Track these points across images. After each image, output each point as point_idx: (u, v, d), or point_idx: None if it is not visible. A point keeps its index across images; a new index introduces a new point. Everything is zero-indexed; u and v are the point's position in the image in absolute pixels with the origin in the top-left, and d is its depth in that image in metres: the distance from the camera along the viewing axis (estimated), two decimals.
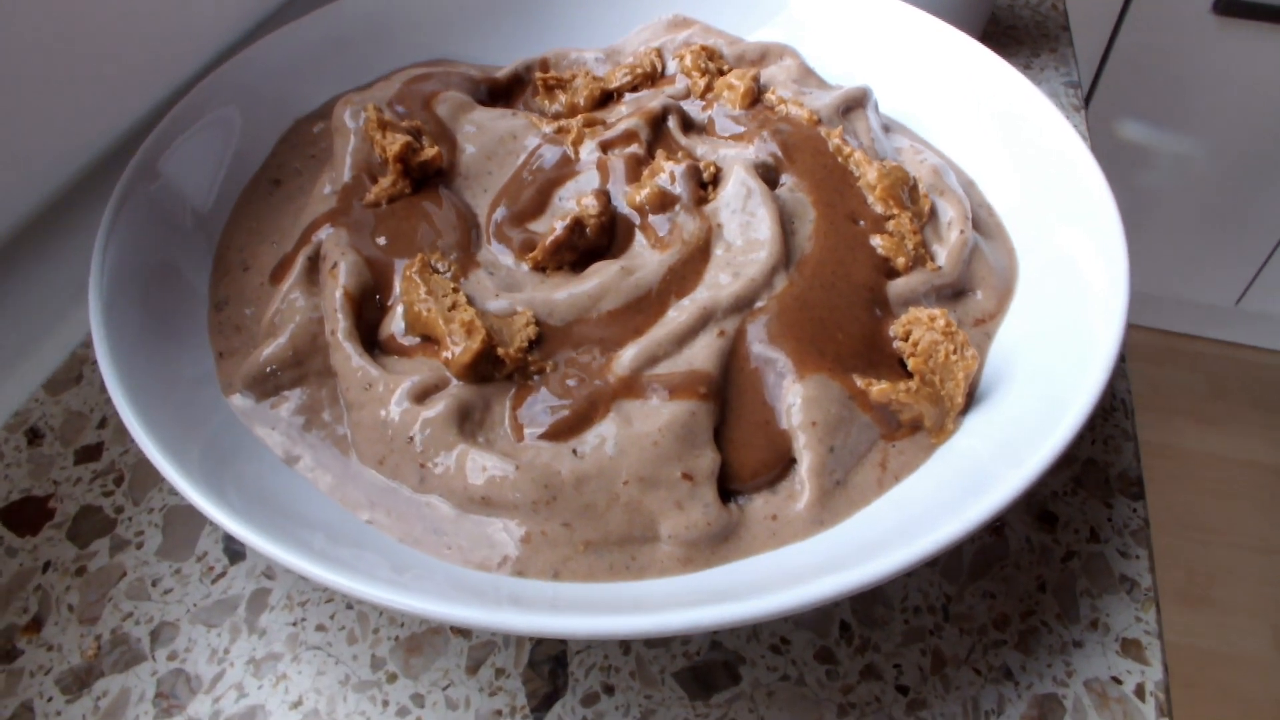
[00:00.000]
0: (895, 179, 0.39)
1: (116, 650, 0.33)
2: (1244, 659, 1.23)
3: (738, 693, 0.32)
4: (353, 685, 0.32)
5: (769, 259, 0.36)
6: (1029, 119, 0.41)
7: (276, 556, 0.26)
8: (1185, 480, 1.43)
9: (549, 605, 0.28)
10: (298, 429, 0.34)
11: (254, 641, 0.34)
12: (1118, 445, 0.40)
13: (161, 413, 0.31)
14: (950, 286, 0.38)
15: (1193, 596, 1.28)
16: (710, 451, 0.32)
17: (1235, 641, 1.26)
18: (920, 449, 0.34)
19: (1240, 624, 1.27)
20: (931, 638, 0.34)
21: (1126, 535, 0.37)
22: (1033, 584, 0.35)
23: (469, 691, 0.32)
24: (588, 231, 0.37)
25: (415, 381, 0.33)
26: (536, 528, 0.30)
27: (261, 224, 0.40)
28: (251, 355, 0.35)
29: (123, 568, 0.35)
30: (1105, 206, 0.36)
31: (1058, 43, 0.59)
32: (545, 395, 0.33)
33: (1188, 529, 1.36)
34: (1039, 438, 0.30)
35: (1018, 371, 0.35)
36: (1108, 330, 0.32)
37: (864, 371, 0.34)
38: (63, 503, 0.37)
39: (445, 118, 0.43)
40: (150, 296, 0.36)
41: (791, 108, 0.42)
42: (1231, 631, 1.26)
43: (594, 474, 0.31)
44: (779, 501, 0.32)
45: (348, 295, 0.35)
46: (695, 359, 0.33)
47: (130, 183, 0.37)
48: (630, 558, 0.30)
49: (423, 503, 0.31)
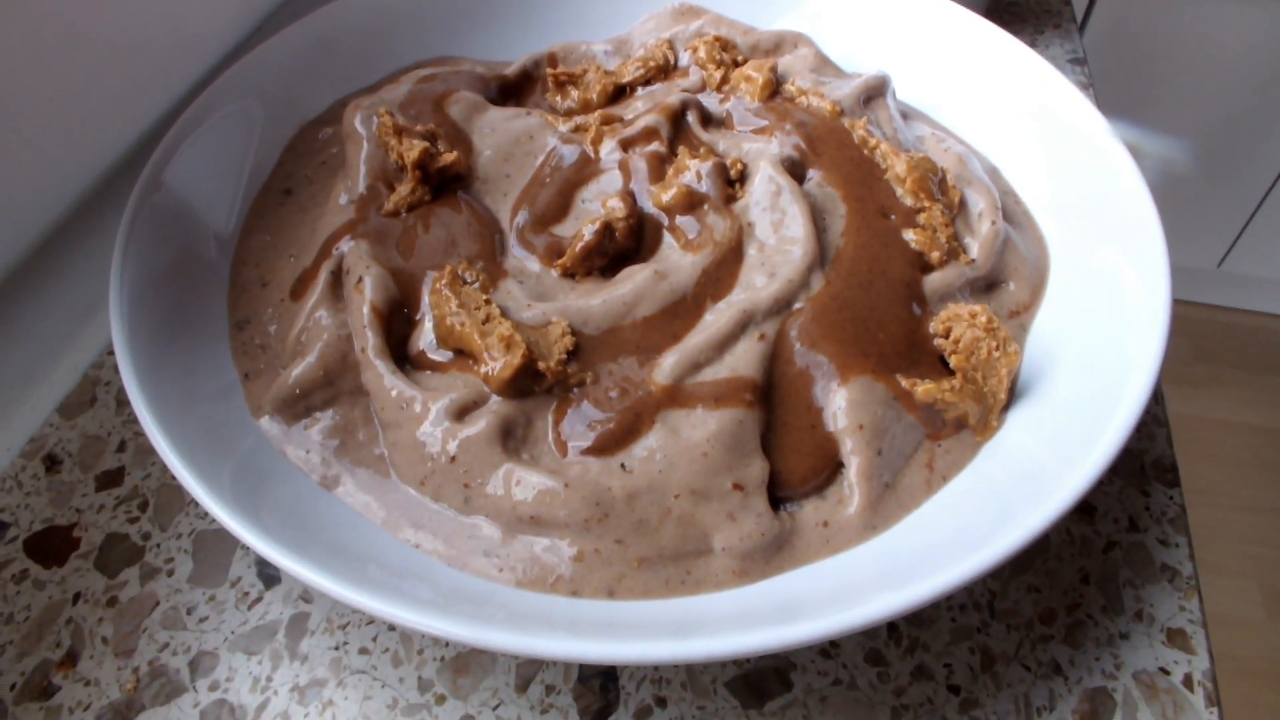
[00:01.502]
0: (925, 170, 0.38)
1: (156, 683, 0.32)
2: (1232, 619, 1.26)
3: (791, 700, 0.32)
4: (401, 709, 0.32)
5: (804, 258, 0.35)
6: (1050, 101, 0.41)
7: (323, 587, 0.25)
8: (1185, 444, 1.45)
9: (606, 627, 0.28)
10: (332, 451, 0.33)
11: (296, 668, 0.33)
12: (1150, 432, 0.40)
13: (190, 437, 0.30)
14: (984, 279, 0.38)
15: (1203, 562, 1.30)
16: (759, 460, 0.31)
17: (1223, 601, 1.28)
18: (966, 448, 0.33)
19: (1228, 584, 1.30)
20: (979, 635, 0.34)
21: (1165, 523, 0.37)
22: (1075, 576, 0.35)
23: (520, 710, 0.32)
24: (617, 235, 0.36)
25: (453, 399, 0.32)
26: (589, 546, 0.30)
27: (276, 237, 0.39)
28: (280, 377, 0.34)
29: (155, 596, 0.34)
30: (1137, 189, 0.36)
31: (1060, 18, 0.59)
32: (587, 408, 0.32)
33: (1192, 494, 1.38)
34: (1091, 433, 0.30)
35: (1057, 363, 0.35)
36: (1153, 319, 0.32)
37: (906, 371, 0.34)
38: (87, 531, 0.36)
39: (459, 120, 0.42)
40: (170, 315, 0.35)
41: (812, 99, 0.42)
42: (1219, 592, 1.29)
43: (645, 489, 0.30)
44: (829, 507, 0.32)
45: (375, 311, 0.34)
46: (738, 365, 0.33)
47: (140, 201, 0.36)
48: (685, 572, 0.30)
49: (469, 524, 0.31)
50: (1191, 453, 1.46)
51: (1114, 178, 0.37)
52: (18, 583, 0.35)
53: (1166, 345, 0.31)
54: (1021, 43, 0.42)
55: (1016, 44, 0.43)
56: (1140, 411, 0.29)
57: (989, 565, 0.26)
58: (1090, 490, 0.28)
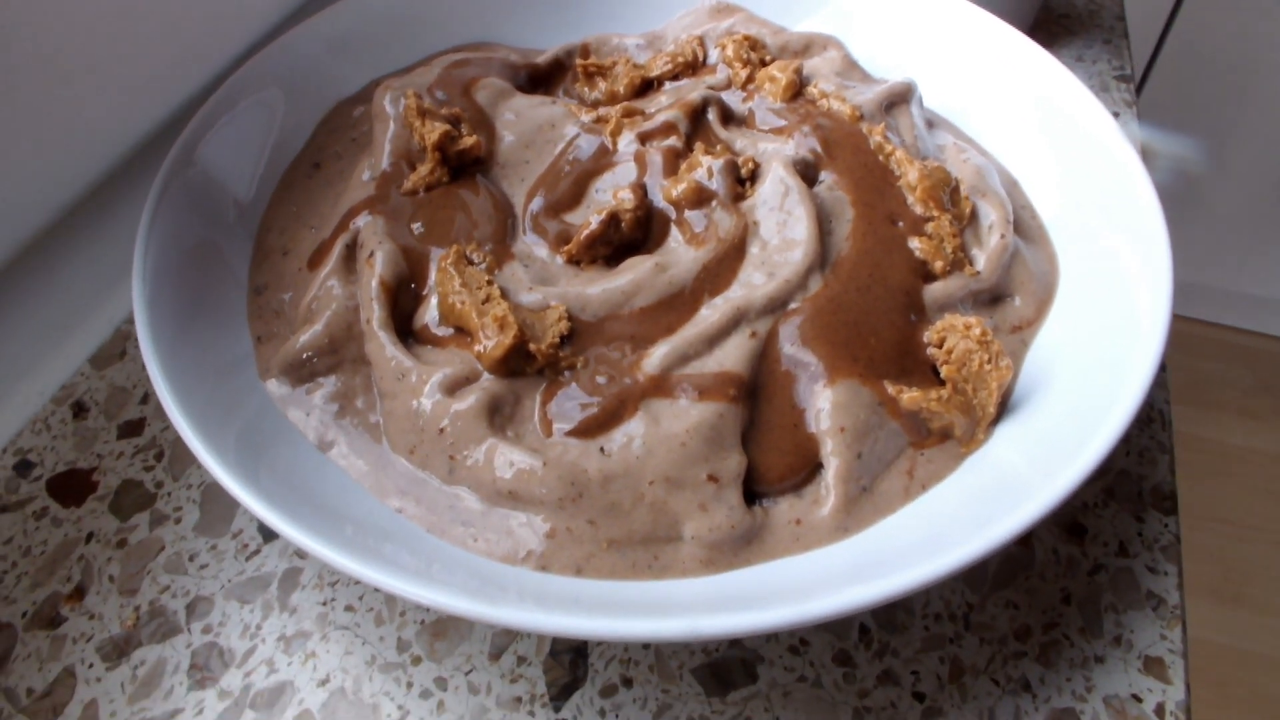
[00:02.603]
0: (937, 180, 0.38)
1: (154, 621, 0.34)
2: (1276, 660, 1.22)
3: (754, 692, 0.33)
4: (378, 666, 0.33)
5: (804, 259, 0.35)
6: (1076, 119, 0.40)
7: (300, 541, 0.27)
8: (1225, 475, 1.41)
9: (572, 603, 0.29)
10: (331, 415, 0.34)
11: (285, 619, 0.34)
12: (1153, 458, 0.39)
13: (199, 396, 0.32)
14: (988, 292, 0.37)
15: (1226, 594, 1.26)
16: (737, 454, 0.32)
17: (1267, 641, 1.24)
18: (949, 458, 0.33)
19: (1274, 624, 1.25)
20: (951, 646, 0.34)
21: (1156, 551, 0.36)
22: (1057, 596, 0.35)
23: (490, 678, 0.33)
24: (623, 226, 0.37)
25: (447, 374, 0.33)
26: (562, 524, 0.31)
27: (301, 208, 0.41)
28: (288, 341, 0.35)
29: (161, 541, 0.36)
30: (1151, 214, 0.36)
31: (1111, 34, 0.57)
32: (575, 391, 0.33)
33: (1225, 524, 1.34)
34: (1071, 451, 0.30)
35: (1054, 381, 0.35)
36: (1147, 345, 0.32)
37: (896, 378, 0.34)
38: (105, 476, 0.38)
39: (485, 105, 0.43)
40: (192, 279, 0.36)
41: (833, 102, 0.42)
42: (1264, 631, 1.24)
43: (620, 473, 0.31)
44: (804, 506, 0.32)
45: (383, 285, 0.35)
46: (726, 360, 0.33)
47: (173, 167, 0.38)
48: (653, 557, 0.31)
49: (451, 494, 0.32)
50: (1247, 487, 1.40)
51: (1131, 200, 0.37)
52: (37, 519, 0.37)
53: (1158, 372, 0.31)
54: (1052, 57, 0.42)
55: (1047, 58, 0.42)
56: (1119, 434, 0.29)
57: (945, 571, 0.26)
58: (1061, 506, 0.28)
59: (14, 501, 0.37)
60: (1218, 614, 1.24)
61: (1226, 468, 1.41)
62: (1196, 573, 1.27)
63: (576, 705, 0.33)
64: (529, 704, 0.33)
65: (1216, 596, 1.26)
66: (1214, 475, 1.39)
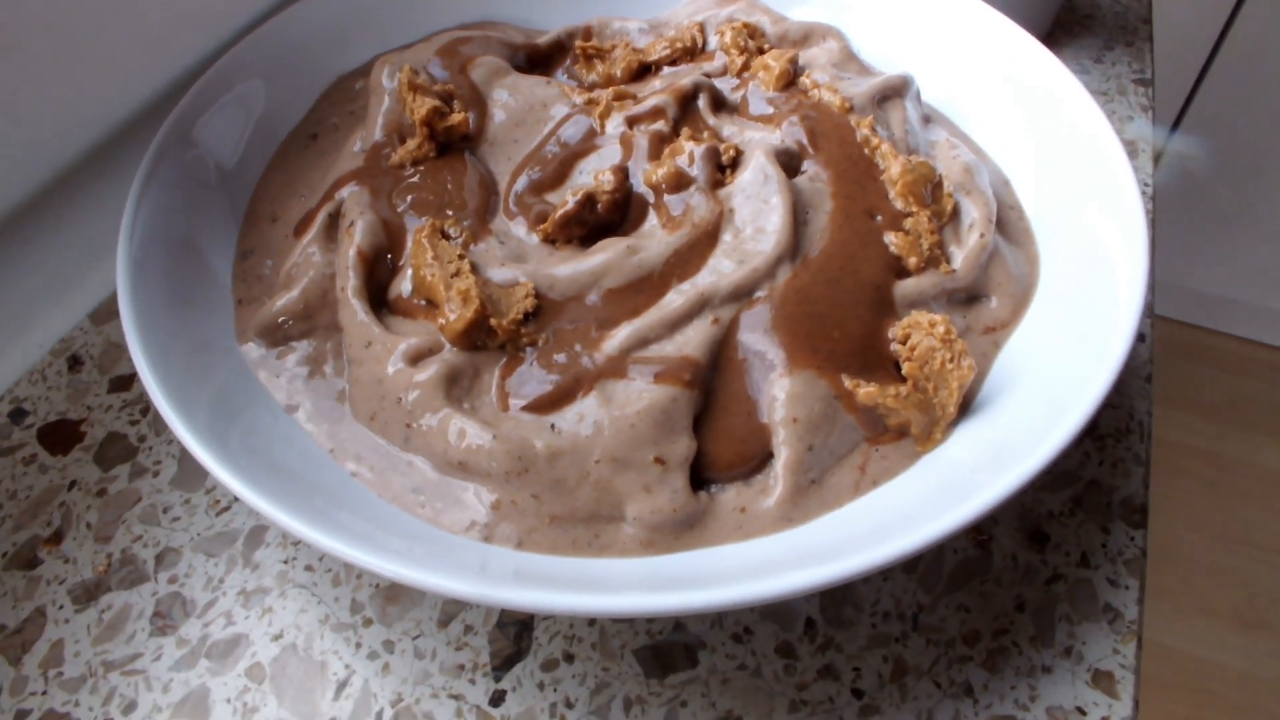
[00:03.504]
0: (919, 175, 0.38)
1: (125, 569, 0.36)
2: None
3: (693, 676, 0.33)
4: (331, 625, 0.34)
5: (775, 249, 0.35)
6: (1073, 122, 0.39)
7: (247, 498, 0.27)
8: (1258, 498, 1.36)
9: (504, 573, 0.29)
10: (301, 379, 0.35)
11: (247, 574, 0.36)
12: (1127, 469, 0.38)
13: (176, 359, 0.33)
14: (964, 291, 0.37)
15: (1250, 619, 1.22)
16: (687, 439, 0.32)
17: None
18: (904, 456, 0.33)
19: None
20: (896, 645, 0.34)
21: (1119, 564, 0.35)
22: (1011, 603, 0.35)
23: (437, 644, 0.34)
24: (599, 207, 0.37)
25: (412, 344, 0.34)
26: (507, 496, 0.31)
27: (294, 177, 0.42)
28: (266, 305, 0.36)
29: (139, 493, 0.38)
30: (1135, 223, 0.35)
31: (1135, 36, 0.56)
32: (534, 368, 0.33)
33: (1254, 548, 1.30)
34: (1025, 452, 0.29)
35: (1021, 384, 0.34)
36: (1110, 355, 0.31)
37: (856, 372, 0.33)
38: (93, 428, 0.40)
39: (479, 83, 0.43)
40: (180, 243, 0.38)
41: (825, 93, 0.41)
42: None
43: (568, 450, 0.31)
44: (751, 494, 0.32)
45: (360, 254, 0.36)
46: (686, 345, 0.33)
47: (170, 132, 0.39)
48: (594, 535, 0.31)
49: (405, 461, 0.33)
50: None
51: (1117, 208, 0.36)
52: (26, 465, 0.39)
53: (1145, 382, 0.30)
54: (1055, 58, 0.41)
55: (1050, 59, 0.41)
56: (1068, 439, 0.28)
57: (866, 567, 0.26)
58: (1025, 512, 0.28)
59: (5, 447, 0.39)
60: (1239, 639, 1.20)
61: (1260, 491, 1.36)
62: (1220, 596, 1.24)
63: (517, 676, 0.33)
64: (471, 672, 0.33)
65: (1240, 620, 1.22)
66: (1245, 498, 1.35)
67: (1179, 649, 1.19)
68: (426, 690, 0.33)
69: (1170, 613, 1.22)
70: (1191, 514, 1.33)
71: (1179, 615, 1.22)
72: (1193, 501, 1.34)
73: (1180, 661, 1.18)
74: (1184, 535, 1.30)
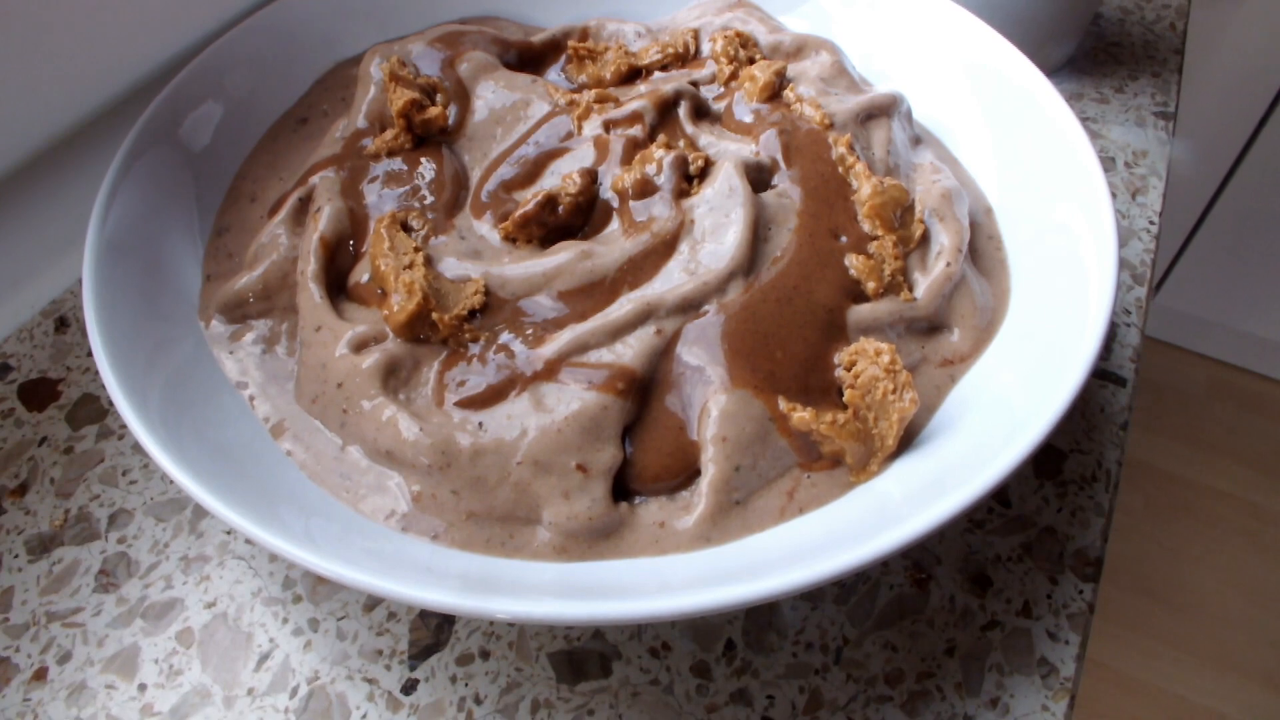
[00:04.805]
0: (889, 198, 0.37)
1: (79, 525, 0.37)
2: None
3: (604, 686, 0.33)
4: (263, 599, 0.35)
5: (727, 264, 0.35)
6: (1061, 158, 0.38)
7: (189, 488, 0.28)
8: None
9: (423, 569, 0.29)
10: (255, 357, 0.36)
11: (191, 541, 0.37)
12: (1086, 519, 0.37)
13: (132, 336, 0.34)
14: (924, 320, 0.36)
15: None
16: (613, 448, 0.32)
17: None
18: (836, 485, 0.32)
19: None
20: (815, 677, 0.33)
21: (1062, 617, 0.34)
22: (941, 645, 0.34)
23: (359, 627, 0.34)
24: (560, 209, 0.37)
25: (358, 331, 0.34)
26: (428, 489, 0.31)
27: (278, 159, 0.43)
28: (229, 282, 0.37)
29: (103, 454, 0.39)
30: (1106, 269, 0.33)
31: (1163, 67, 0.53)
32: (473, 365, 0.34)
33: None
34: (952, 490, 0.28)
35: (969, 421, 0.33)
36: (1057, 396, 0.30)
37: (795, 395, 0.33)
38: (69, 388, 0.41)
39: (466, 77, 0.43)
40: (161, 214, 0.39)
41: (807, 107, 0.41)
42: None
43: (491, 449, 0.31)
44: (673, 510, 0.32)
45: (323, 240, 0.37)
46: (625, 354, 0.33)
47: (165, 105, 0.40)
48: (509, 535, 0.31)
49: (338, 445, 0.33)
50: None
51: (1093, 252, 0.34)
52: (3, 419, 0.40)
53: (1120, 430, 0.29)
54: (1057, 93, 0.39)
55: (1051, 93, 0.39)
56: (995, 483, 0.27)
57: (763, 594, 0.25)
58: (974, 547, 0.27)
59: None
60: (1268, 699, 1.15)
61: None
62: (1250, 654, 1.18)
63: (431, 667, 0.33)
64: (388, 658, 0.34)
65: (1269, 681, 1.16)
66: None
67: (1201, 704, 1.14)
68: (343, 671, 0.33)
69: (1194, 665, 1.17)
70: (1226, 566, 1.27)
71: (1203, 669, 1.17)
72: (1229, 553, 1.28)
73: (1203, 719, 1.14)
74: (1215, 587, 1.24)
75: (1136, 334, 0.43)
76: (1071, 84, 0.54)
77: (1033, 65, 0.41)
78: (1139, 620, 1.22)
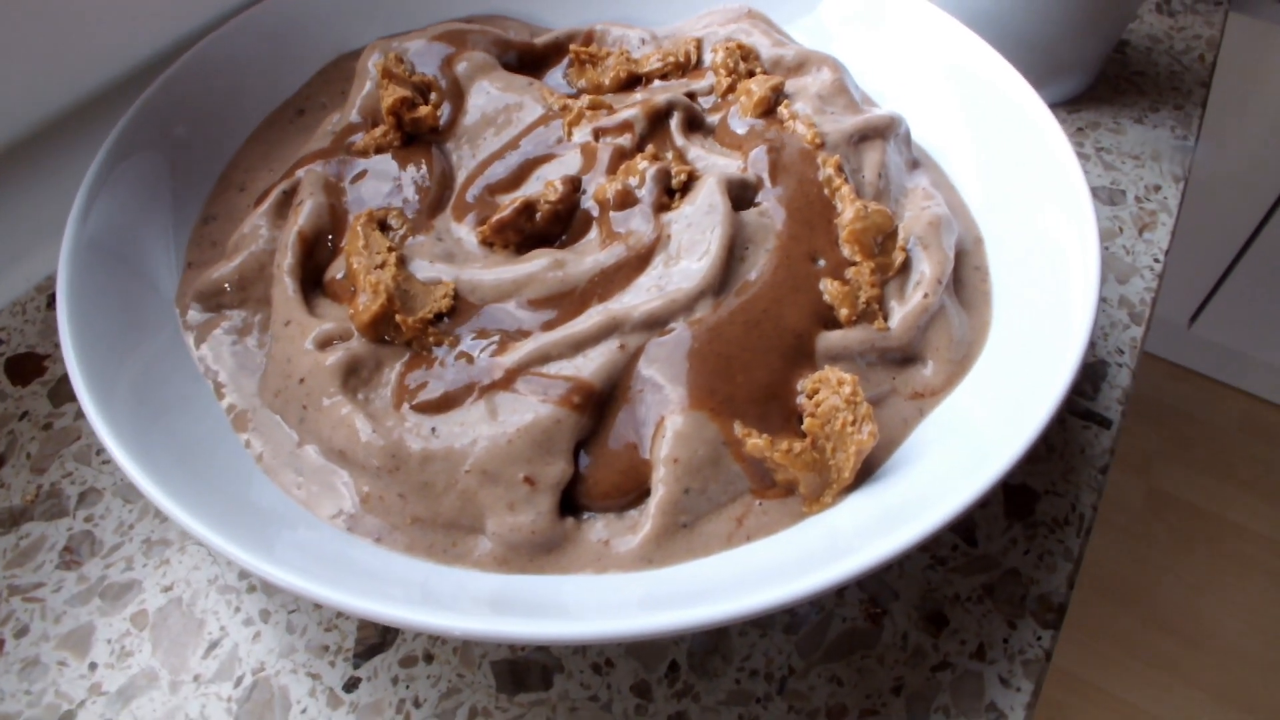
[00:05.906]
0: (870, 224, 0.36)
1: (49, 502, 0.38)
2: None
3: (543, 699, 0.33)
4: (217, 587, 0.35)
5: (697, 283, 0.34)
6: (1056, 193, 0.37)
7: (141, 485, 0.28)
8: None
9: (365, 573, 0.29)
10: (226, 347, 0.36)
11: (154, 525, 0.37)
12: (1053, 563, 0.36)
13: (99, 311, 0.34)
14: (897, 351, 0.35)
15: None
16: (563, 463, 0.32)
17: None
18: (787, 514, 0.32)
19: None
20: (756, 706, 0.32)
21: (1017, 662, 0.33)
22: (889, 683, 0.33)
23: (309, 621, 0.35)
24: (538, 216, 0.37)
25: (326, 328, 0.34)
26: (376, 491, 0.32)
27: (270, 150, 0.43)
28: (208, 271, 0.38)
29: (79, 432, 0.40)
30: (1084, 308, 0.32)
31: (1186, 99, 0.51)
32: (434, 369, 0.34)
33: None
34: (905, 523, 0.28)
35: (933, 457, 0.32)
36: (1025, 426, 0.29)
37: (752, 421, 0.32)
38: (54, 364, 0.42)
39: (462, 77, 0.43)
40: (150, 199, 0.39)
41: (799, 125, 0.40)
42: None
43: (441, 455, 0.31)
44: (619, 528, 0.32)
45: (301, 234, 0.37)
46: (586, 368, 0.33)
47: (163, 89, 0.41)
48: (451, 543, 0.31)
49: (295, 440, 0.33)
50: None
51: (1079, 287, 0.33)
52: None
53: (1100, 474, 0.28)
54: (1060, 129, 0.38)
55: (1054, 127, 0.38)
56: (948, 519, 0.27)
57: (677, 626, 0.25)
58: (933, 584, 0.26)
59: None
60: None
61: None
62: (1268, 699, 1.15)
63: (374, 667, 0.33)
64: (333, 654, 0.34)
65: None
66: None
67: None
68: (288, 664, 0.34)
69: (1204, 701, 1.14)
70: (1246, 604, 1.23)
71: (1214, 706, 1.14)
72: (1251, 591, 1.25)
73: None
74: (1234, 625, 1.21)
75: (1128, 375, 0.41)
76: (1089, 113, 0.52)
77: (1037, 96, 0.40)
78: (1153, 653, 1.19)
